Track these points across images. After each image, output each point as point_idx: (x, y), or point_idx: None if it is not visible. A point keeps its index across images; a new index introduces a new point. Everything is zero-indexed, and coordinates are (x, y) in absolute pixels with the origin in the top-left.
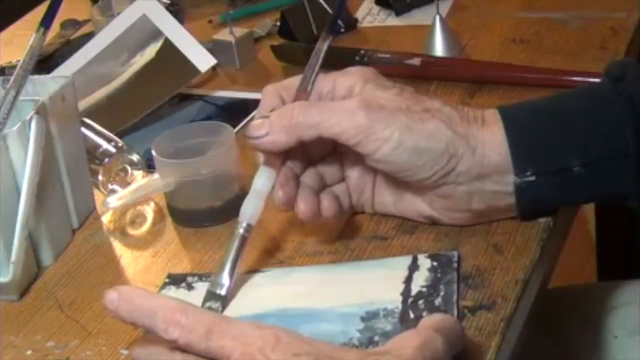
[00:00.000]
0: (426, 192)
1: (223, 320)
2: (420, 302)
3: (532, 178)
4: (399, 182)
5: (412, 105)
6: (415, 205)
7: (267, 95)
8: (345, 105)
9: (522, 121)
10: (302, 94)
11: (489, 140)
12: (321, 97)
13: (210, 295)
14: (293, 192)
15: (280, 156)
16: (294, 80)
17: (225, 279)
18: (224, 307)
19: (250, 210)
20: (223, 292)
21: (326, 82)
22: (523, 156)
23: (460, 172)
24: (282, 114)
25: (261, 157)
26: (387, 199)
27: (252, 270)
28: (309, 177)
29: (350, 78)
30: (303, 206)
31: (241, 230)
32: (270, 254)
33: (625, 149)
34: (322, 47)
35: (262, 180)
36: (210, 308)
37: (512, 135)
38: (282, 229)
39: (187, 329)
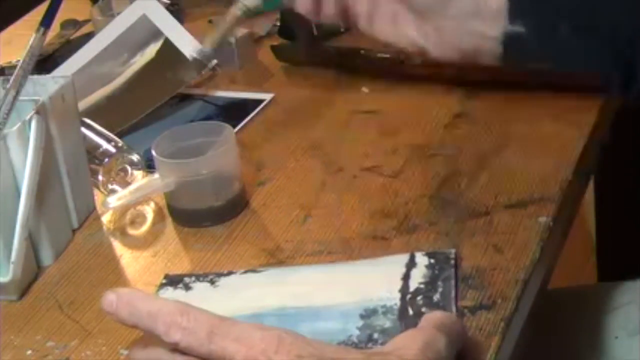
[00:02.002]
0: (422, 21)
1: (225, 322)
2: (419, 298)
3: (522, 29)
4: (397, 6)
5: None
6: (410, 34)
7: None
8: None
9: None
10: None
11: None
12: None
13: (193, 61)
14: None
15: None
16: None
17: (209, 50)
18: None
19: None
20: (206, 60)
21: None
22: (518, 6)
23: (457, 5)
24: None
25: None
26: (387, 19)
27: (252, 270)
28: None
29: None
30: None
31: (238, 12)
32: (270, 254)
33: (615, 26)
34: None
35: None
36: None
37: None
38: (282, 228)
39: (189, 331)
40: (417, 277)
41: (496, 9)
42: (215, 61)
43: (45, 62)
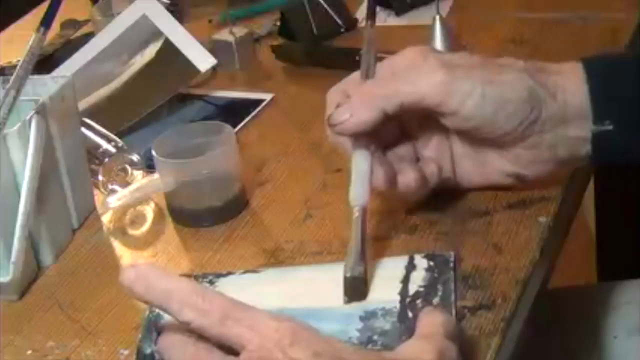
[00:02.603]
0: (510, 148)
1: (239, 306)
2: (418, 301)
3: (610, 127)
4: (477, 148)
5: (486, 62)
6: (499, 166)
7: (331, 95)
8: (422, 68)
9: (603, 70)
10: (369, 77)
11: (569, 86)
12: None
13: (351, 281)
14: (392, 169)
15: (369, 137)
16: (353, 76)
17: (359, 263)
18: (365, 291)
19: (359, 193)
20: (361, 275)
21: (383, 67)
22: (602, 104)
23: (546, 119)
24: (361, 92)
25: (349, 143)
26: (468, 169)
27: (252, 271)
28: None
29: (408, 54)
30: (412, 174)
31: (357, 214)
32: (270, 254)
33: None
34: (369, 33)
35: (362, 162)
36: (355, 290)
37: (592, 82)
38: (282, 228)
39: (202, 312)
40: (417, 280)
41: (579, 107)
42: (215, 61)
43: (45, 62)
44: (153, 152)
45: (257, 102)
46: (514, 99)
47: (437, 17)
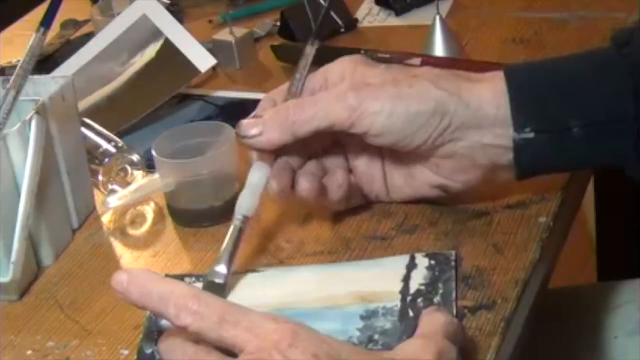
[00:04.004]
0: (430, 158)
1: (236, 309)
2: (419, 300)
3: (531, 135)
4: (405, 161)
5: (400, 75)
6: (425, 178)
7: (263, 101)
8: (334, 91)
9: (524, 78)
10: (292, 95)
11: (486, 94)
12: (314, 93)
13: (209, 285)
14: (287, 182)
15: (273, 152)
16: (284, 86)
17: (222, 268)
18: (223, 297)
19: (245, 203)
20: (222, 280)
21: (317, 77)
22: (523, 111)
23: (457, 127)
24: (276, 112)
25: (254, 154)
26: (399, 182)
27: (252, 270)
28: (310, 166)
29: (339, 66)
30: (304, 182)
31: (237, 222)
32: (270, 254)
33: (625, 113)
34: (310, 51)
35: (256, 175)
36: None
37: (512, 90)
38: (282, 228)
39: (200, 315)
40: (418, 279)
41: (496, 116)
42: (215, 61)
43: (45, 62)
44: (153, 152)
45: (257, 102)
46: (421, 111)
47: (437, 17)
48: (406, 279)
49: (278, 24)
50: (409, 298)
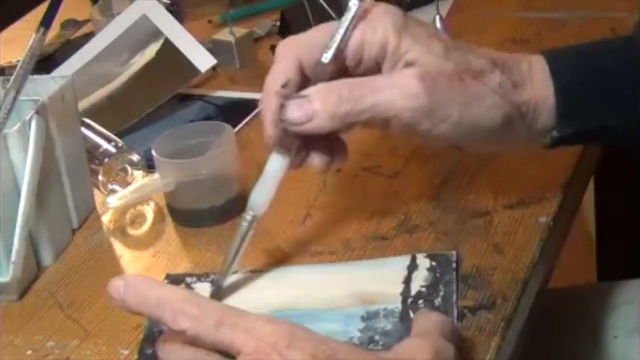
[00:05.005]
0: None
1: (233, 312)
2: (420, 302)
3: (571, 134)
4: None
5: (463, 70)
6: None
7: (284, 58)
8: (397, 80)
9: (569, 80)
10: (328, 65)
11: (540, 105)
12: (347, 59)
13: (218, 290)
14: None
15: (298, 138)
16: (311, 39)
17: (223, 274)
18: (219, 299)
19: (260, 198)
20: (222, 284)
21: (353, 41)
22: (568, 117)
23: (513, 136)
24: (328, 99)
25: (273, 140)
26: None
27: (252, 271)
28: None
29: (380, 33)
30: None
31: (245, 224)
32: (270, 254)
33: None
34: (354, 5)
35: (274, 166)
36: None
37: (559, 100)
38: (282, 229)
39: (197, 320)
40: (419, 280)
41: (546, 122)
42: (215, 61)
43: (45, 62)
44: (153, 152)
45: (257, 102)
46: (487, 127)
47: (437, 17)
48: (407, 281)
49: (278, 24)
50: (410, 300)
